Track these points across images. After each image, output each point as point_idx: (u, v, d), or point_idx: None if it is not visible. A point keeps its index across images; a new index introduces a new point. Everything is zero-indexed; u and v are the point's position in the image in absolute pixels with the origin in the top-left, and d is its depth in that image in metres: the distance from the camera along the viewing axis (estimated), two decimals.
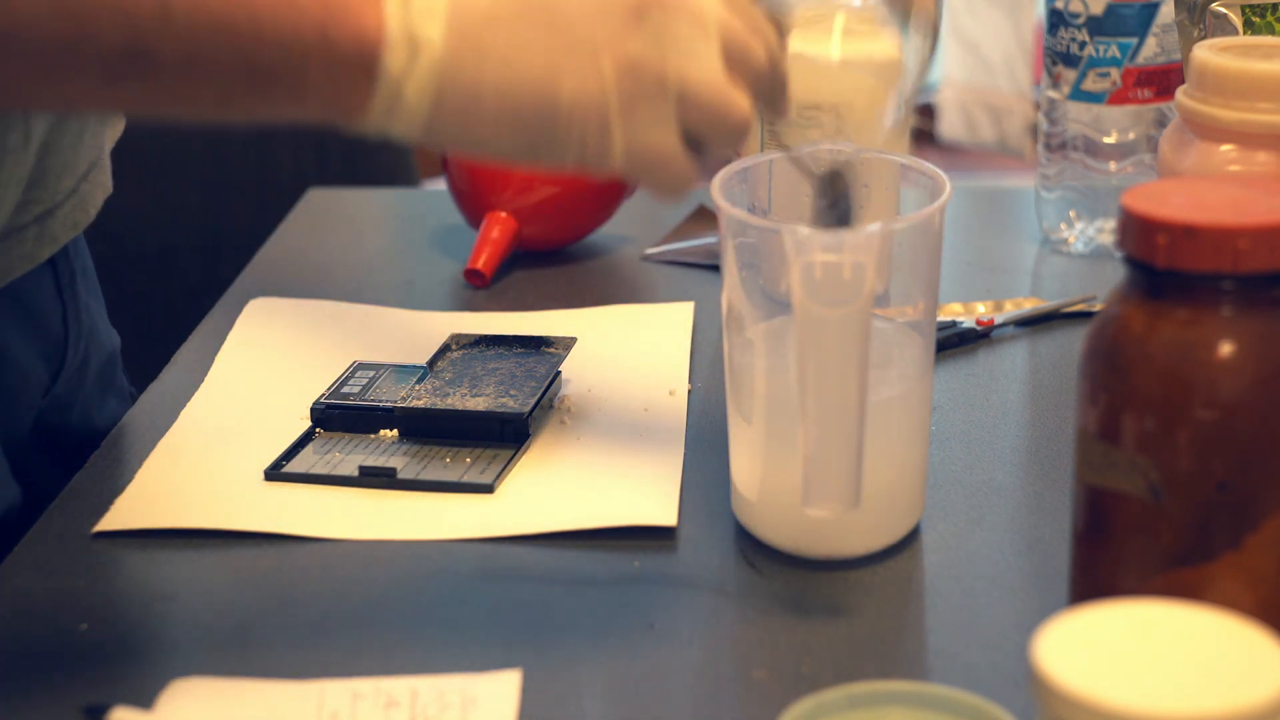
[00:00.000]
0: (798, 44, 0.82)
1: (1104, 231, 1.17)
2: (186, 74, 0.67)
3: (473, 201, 1.17)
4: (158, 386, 1.00)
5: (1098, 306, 1.04)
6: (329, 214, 1.31)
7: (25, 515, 0.91)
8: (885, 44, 1.05)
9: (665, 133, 0.71)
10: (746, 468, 0.81)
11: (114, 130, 0.97)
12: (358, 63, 0.68)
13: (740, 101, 0.72)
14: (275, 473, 0.87)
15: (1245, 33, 0.96)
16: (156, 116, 0.71)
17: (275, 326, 1.07)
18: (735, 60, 0.72)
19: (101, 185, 0.94)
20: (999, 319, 1.04)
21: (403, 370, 0.96)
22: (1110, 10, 1.11)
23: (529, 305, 1.10)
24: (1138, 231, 0.64)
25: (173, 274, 1.63)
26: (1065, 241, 1.18)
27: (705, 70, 0.71)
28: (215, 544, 0.82)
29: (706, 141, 0.73)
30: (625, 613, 0.77)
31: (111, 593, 0.80)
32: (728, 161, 0.80)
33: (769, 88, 0.76)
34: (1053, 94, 1.15)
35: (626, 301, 1.11)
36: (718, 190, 0.78)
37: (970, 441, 0.91)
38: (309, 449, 0.90)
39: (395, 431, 0.91)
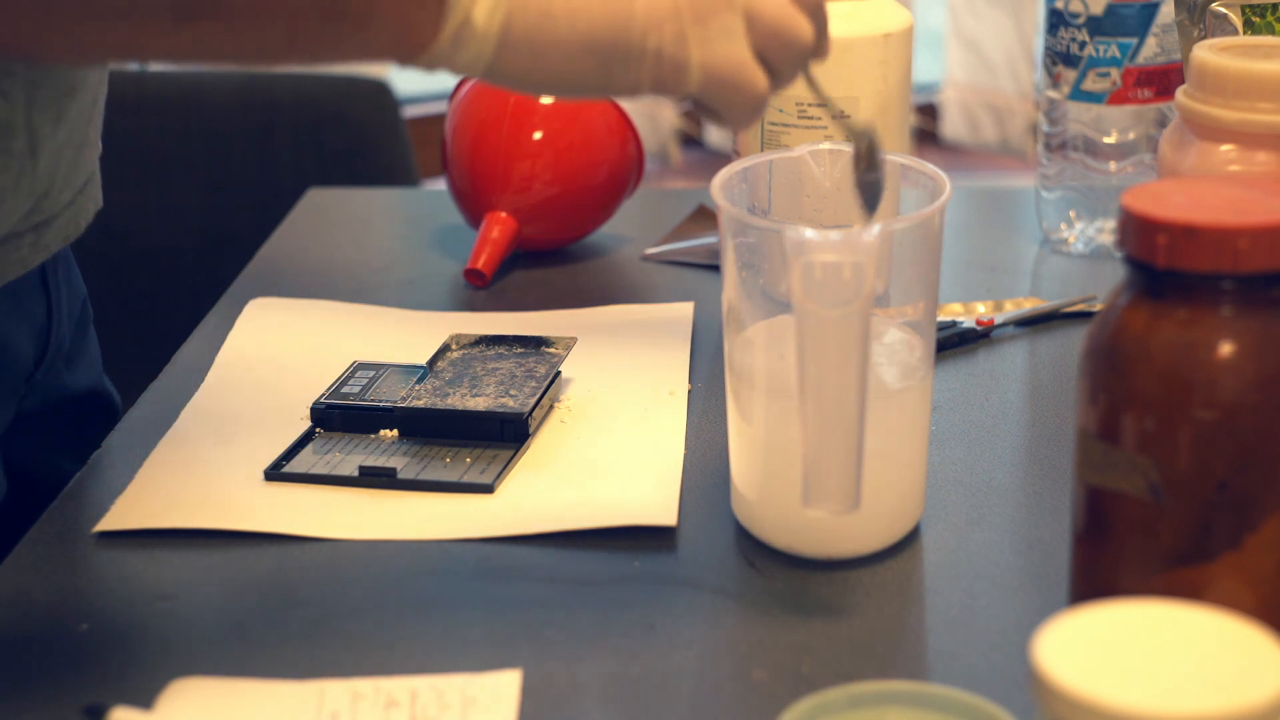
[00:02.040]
0: None
1: (1104, 231, 1.17)
2: (255, 12, 0.67)
3: (473, 201, 1.17)
4: (158, 386, 1.00)
5: (1097, 306, 1.04)
6: (329, 214, 1.31)
7: (12, 501, 0.91)
8: (887, 17, 1.05)
9: (738, 45, 0.72)
10: (746, 468, 0.81)
11: (97, 145, 0.97)
12: None
13: (803, 23, 0.73)
14: (275, 473, 0.87)
15: (1245, 33, 0.96)
16: (221, 59, 0.71)
17: (275, 326, 1.07)
18: None
19: (94, 199, 0.95)
20: (999, 319, 1.04)
21: (403, 370, 0.96)
22: (1110, 10, 1.11)
23: (529, 305, 1.10)
24: (1138, 231, 0.64)
25: (173, 274, 1.63)
26: (1065, 241, 1.18)
27: None
28: (215, 544, 0.82)
29: (773, 63, 0.74)
30: (625, 613, 0.77)
31: (111, 593, 0.80)
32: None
33: (818, 24, 0.76)
34: (1053, 94, 1.15)
35: (626, 301, 1.11)
36: (718, 190, 0.78)
37: (970, 441, 0.91)
38: (309, 449, 0.90)
39: (395, 431, 0.91)
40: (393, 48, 0.69)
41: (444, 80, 0.82)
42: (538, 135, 1.15)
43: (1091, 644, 0.55)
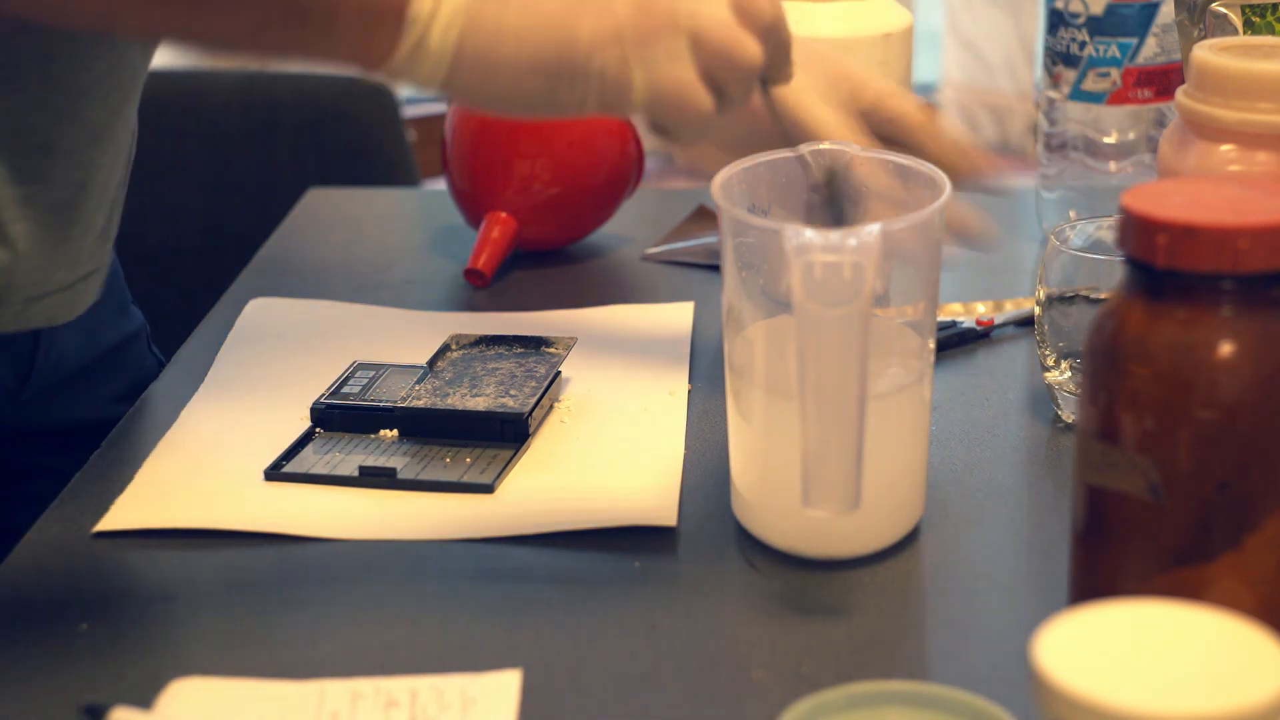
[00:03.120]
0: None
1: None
2: (224, 1, 0.70)
3: (473, 201, 1.17)
4: (158, 386, 1.00)
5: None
6: (329, 214, 1.31)
7: (23, 502, 0.91)
8: (887, 17, 1.05)
9: (681, 67, 0.73)
10: (746, 468, 0.81)
11: (109, 244, 0.97)
12: (388, 6, 0.71)
13: (750, 42, 0.74)
14: (275, 473, 0.87)
15: (1245, 33, 0.96)
16: (192, 43, 0.73)
17: (275, 326, 1.07)
18: (742, 9, 0.75)
19: (93, 292, 0.95)
20: (999, 319, 1.04)
21: (403, 370, 0.96)
22: (1110, 10, 1.11)
23: (529, 305, 1.10)
24: (1138, 231, 0.64)
25: (173, 274, 1.63)
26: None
27: (714, 11, 0.74)
28: (215, 544, 0.82)
29: (721, 83, 0.75)
30: (625, 613, 0.77)
31: (111, 593, 0.80)
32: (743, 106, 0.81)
33: (774, 47, 0.77)
34: (1053, 94, 1.15)
35: (626, 301, 1.11)
36: (718, 190, 0.78)
37: (970, 441, 0.91)
38: (309, 449, 0.90)
39: (395, 431, 0.91)
40: (351, 59, 0.73)
41: None
42: (537, 135, 1.15)
43: (1091, 644, 0.55)
